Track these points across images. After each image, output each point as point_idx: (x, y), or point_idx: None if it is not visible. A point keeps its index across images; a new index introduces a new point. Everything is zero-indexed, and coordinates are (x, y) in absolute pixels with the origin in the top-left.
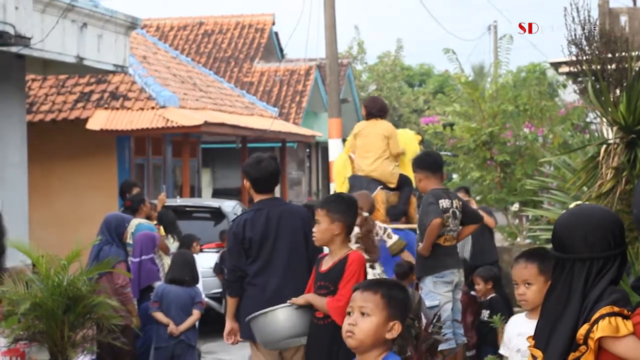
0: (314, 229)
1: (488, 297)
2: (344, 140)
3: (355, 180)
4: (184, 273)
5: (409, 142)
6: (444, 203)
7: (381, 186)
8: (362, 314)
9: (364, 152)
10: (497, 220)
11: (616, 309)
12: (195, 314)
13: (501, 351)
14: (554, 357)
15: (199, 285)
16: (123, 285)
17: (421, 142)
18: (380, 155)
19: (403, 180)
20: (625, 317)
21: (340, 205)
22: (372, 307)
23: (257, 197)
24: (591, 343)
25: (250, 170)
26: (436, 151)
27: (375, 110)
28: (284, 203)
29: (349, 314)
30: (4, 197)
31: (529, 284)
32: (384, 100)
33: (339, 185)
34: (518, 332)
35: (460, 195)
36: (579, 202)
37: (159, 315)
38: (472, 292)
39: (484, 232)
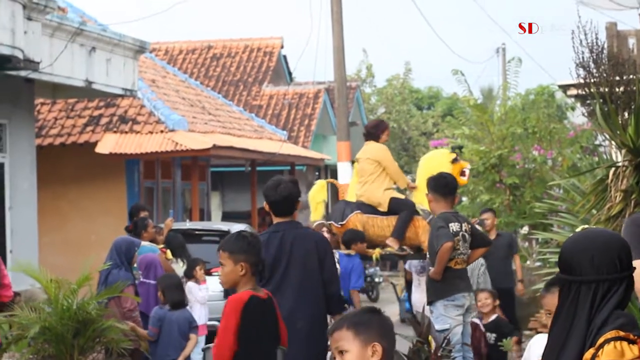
0: (219, 272)
1: (491, 319)
2: (352, 163)
3: (336, 205)
4: (177, 295)
5: (442, 163)
6: (453, 226)
7: (358, 210)
8: (341, 352)
9: (358, 177)
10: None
11: (622, 333)
12: (193, 338)
13: None
14: None
15: (203, 310)
16: (131, 309)
17: (455, 161)
18: (367, 180)
19: (401, 205)
20: (631, 342)
21: (242, 244)
22: (344, 342)
23: (275, 220)
24: None
25: (268, 193)
26: (450, 174)
27: (369, 128)
28: (300, 227)
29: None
30: (14, 222)
31: None
32: (383, 120)
33: (312, 209)
34: (539, 353)
35: (486, 216)
36: (586, 226)
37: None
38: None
39: (508, 257)
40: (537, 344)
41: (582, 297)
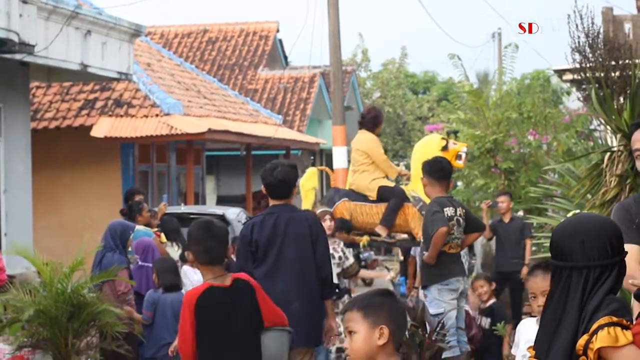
0: None
1: (488, 304)
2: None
3: (327, 193)
4: (170, 278)
5: (432, 151)
6: (448, 211)
7: (346, 198)
8: (350, 332)
9: (351, 166)
10: None
11: (615, 319)
12: None
13: (513, 351)
14: None
15: None
16: (125, 292)
17: (445, 148)
18: (357, 169)
19: (389, 192)
20: (625, 327)
21: (190, 231)
22: (353, 323)
23: (272, 202)
24: (591, 354)
25: (265, 176)
26: (445, 158)
27: (366, 117)
28: (295, 210)
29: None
30: (9, 205)
31: None
32: (380, 110)
33: (303, 197)
34: (526, 338)
35: (502, 199)
36: (577, 211)
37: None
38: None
39: (520, 241)
40: (525, 328)
41: (574, 283)
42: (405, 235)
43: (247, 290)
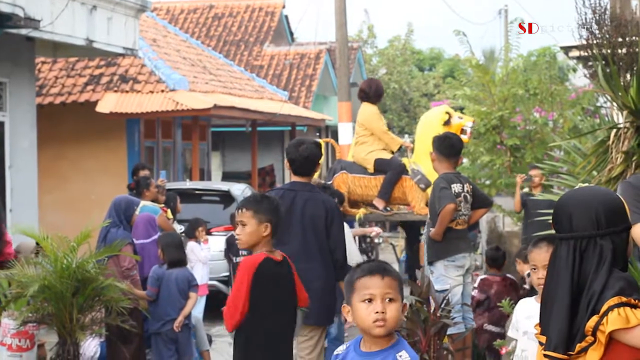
0: (237, 232)
1: None
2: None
3: (332, 164)
4: (176, 254)
5: (435, 126)
6: (456, 187)
7: (344, 171)
8: (389, 300)
9: (353, 139)
10: (508, 205)
11: (624, 298)
12: (193, 297)
13: (509, 333)
14: (559, 344)
15: (204, 269)
16: (129, 267)
17: (447, 123)
18: (357, 141)
19: (386, 165)
20: (633, 306)
21: (268, 204)
22: (394, 292)
23: (293, 178)
24: (601, 336)
25: (290, 151)
26: (456, 135)
27: (363, 88)
28: (314, 190)
29: (368, 300)
30: (14, 180)
31: None
32: (380, 81)
33: None
34: (527, 314)
35: (535, 173)
36: (582, 185)
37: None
38: (509, 275)
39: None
40: (521, 309)
41: (563, 255)
42: (404, 208)
43: (290, 267)
